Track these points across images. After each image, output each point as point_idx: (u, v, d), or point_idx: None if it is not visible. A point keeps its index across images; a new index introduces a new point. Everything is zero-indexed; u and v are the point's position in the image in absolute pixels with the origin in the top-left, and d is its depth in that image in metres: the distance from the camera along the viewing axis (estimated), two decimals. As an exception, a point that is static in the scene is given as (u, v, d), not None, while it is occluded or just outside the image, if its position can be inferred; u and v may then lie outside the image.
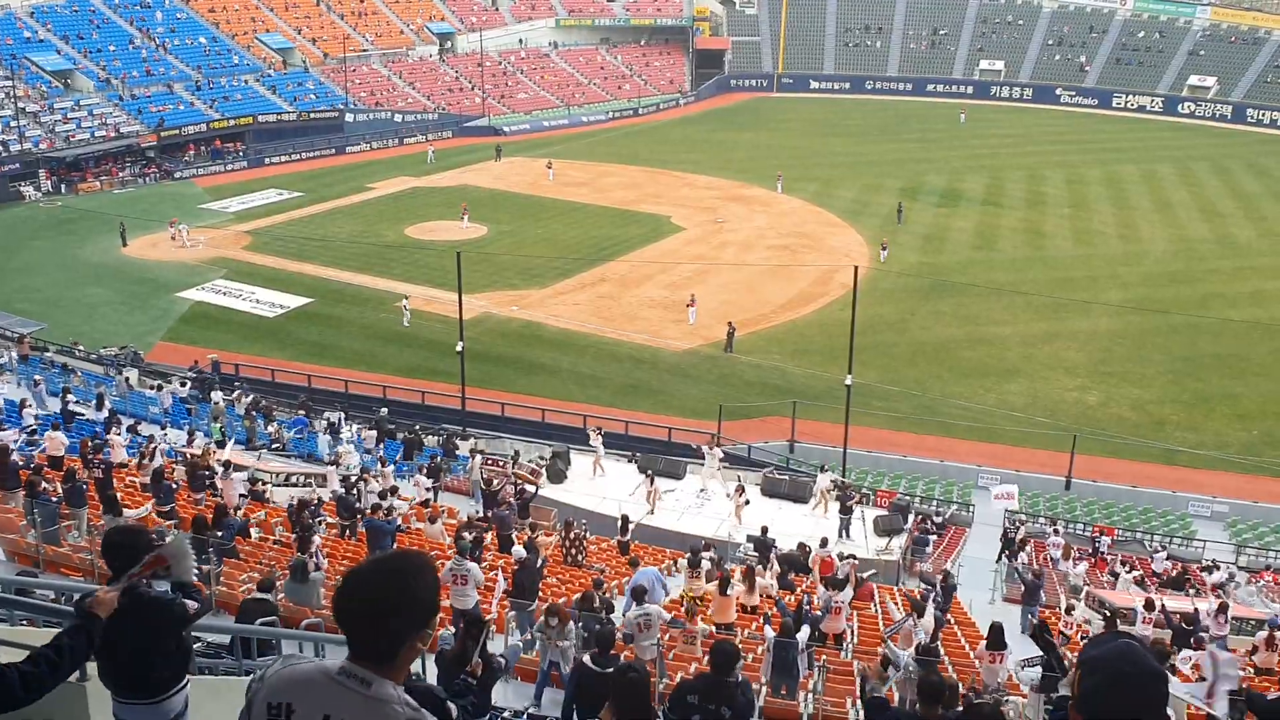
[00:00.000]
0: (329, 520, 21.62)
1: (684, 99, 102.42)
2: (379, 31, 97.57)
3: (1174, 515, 34.40)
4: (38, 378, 33.66)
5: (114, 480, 20.51)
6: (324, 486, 26.14)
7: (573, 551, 22.64)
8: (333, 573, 16.33)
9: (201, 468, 22.38)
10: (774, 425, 38.05)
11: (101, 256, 54.68)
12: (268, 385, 39.97)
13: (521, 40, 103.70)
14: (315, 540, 17.56)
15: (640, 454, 32.92)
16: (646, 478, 30.18)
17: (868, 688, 11.51)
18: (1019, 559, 27.68)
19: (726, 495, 30.00)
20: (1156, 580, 27.85)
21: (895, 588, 23.56)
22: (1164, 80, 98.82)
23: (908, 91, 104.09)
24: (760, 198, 67.20)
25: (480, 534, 20.74)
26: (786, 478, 32.52)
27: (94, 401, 32.63)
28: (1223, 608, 19.78)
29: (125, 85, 76.49)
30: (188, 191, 69.21)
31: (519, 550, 18.36)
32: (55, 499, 17.50)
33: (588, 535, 24.01)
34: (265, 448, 31.78)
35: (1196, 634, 17.94)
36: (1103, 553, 30.69)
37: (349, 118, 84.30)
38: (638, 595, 13.91)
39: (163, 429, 31.53)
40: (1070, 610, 20.95)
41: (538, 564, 18.06)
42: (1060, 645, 13.71)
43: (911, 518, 30.06)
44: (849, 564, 20.37)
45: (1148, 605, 19.55)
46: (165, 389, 35.39)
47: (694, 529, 27.89)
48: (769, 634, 14.50)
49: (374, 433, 33.83)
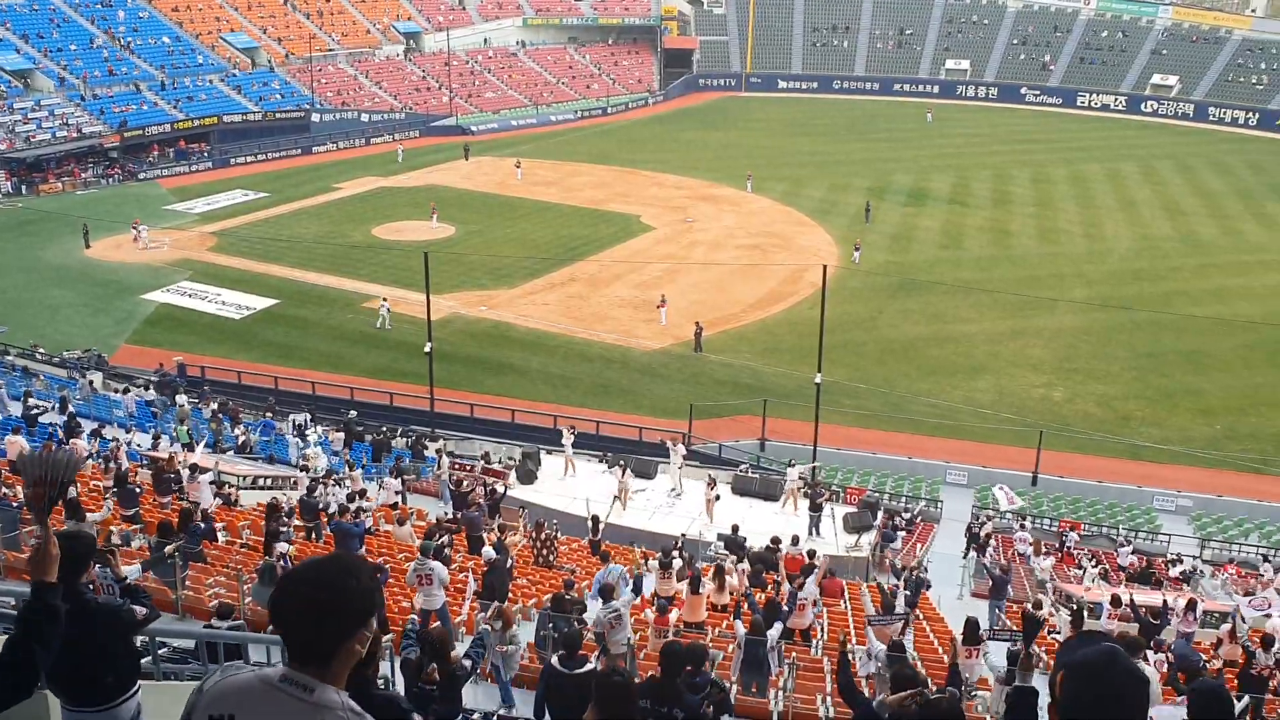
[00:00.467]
0: (296, 523, 21.40)
1: (652, 98, 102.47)
2: (345, 31, 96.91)
3: (1139, 510, 34.78)
4: (-1, 381, 33.20)
5: (77, 484, 20.21)
6: (295, 489, 25.90)
7: (544, 552, 22.56)
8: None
9: (167, 471, 22.10)
10: (745, 424, 38.13)
11: (64, 258, 53.96)
12: (234, 388, 39.59)
13: (486, 40, 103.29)
14: (281, 546, 17.38)
15: (610, 454, 32.87)
16: (619, 468, 30.07)
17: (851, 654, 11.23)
18: (986, 554, 27.89)
19: (675, 493, 30.34)
20: (1123, 575, 28.14)
21: (863, 584, 23.63)
22: (1127, 79, 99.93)
23: (875, 91, 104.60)
24: (729, 197, 67.31)
25: (449, 535, 20.63)
26: (757, 476, 32.58)
27: (57, 405, 32.19)
28: (1191, 604, 19.97)
29: (87, 85, 75.46)
30: (152, 193, 68.40)
31: (489, 551, 18.27)
32: (16, 504, 17.22)
33: (559, 536, 23.93)
34: (231, 450, 31.46)
35: (1162, 629, 18.10)
36: (1069, 548, 30.97)
37: (315, 118, 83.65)
38: (605, 594, 13.89)
39: (128, 432, 31.16)
40: (1038, 605, 21.12)
41: (507, 565, 17.99)
42: (1033, 622, 13.79)
43: (880, 514, 30.21)
44: (820, 559, 20.37)
45: (1114, 601, 19.70)
46: (130, 394, 34.97)
47: (665, 528, 27.87)
48: (739, 630, 14.50)
49: (341, 434, 33.59)
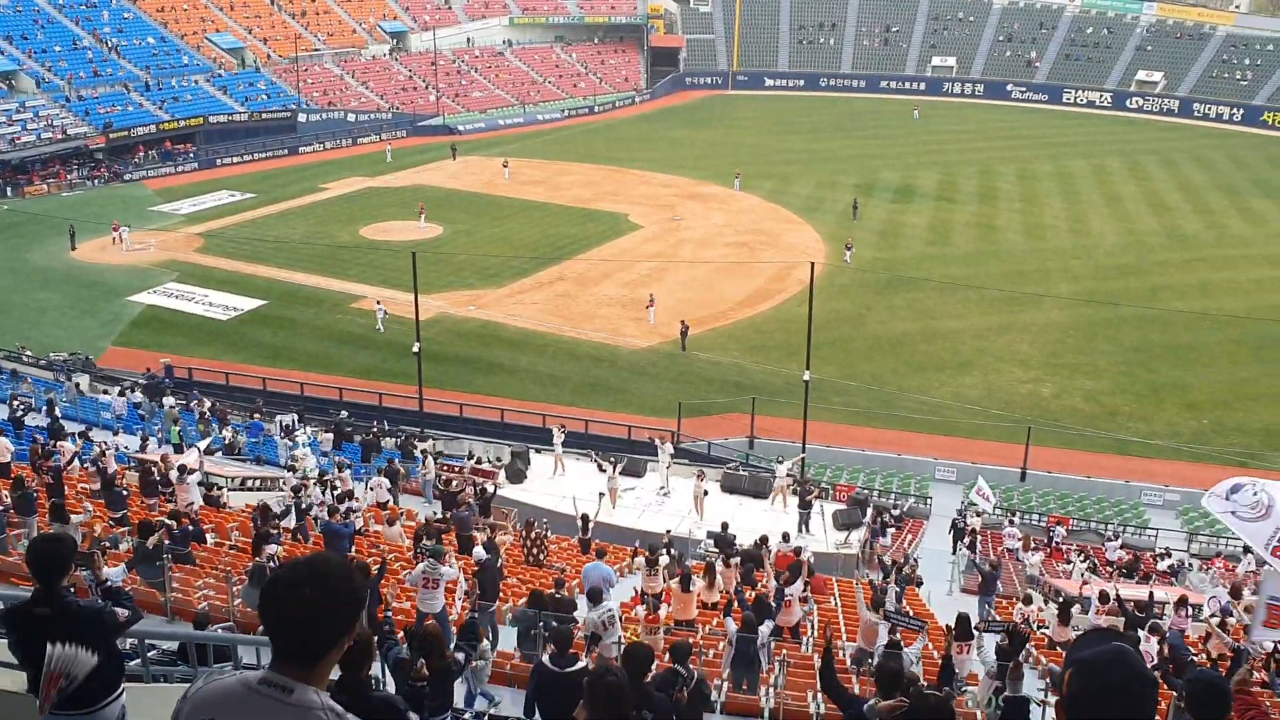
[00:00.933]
0: (284, 524, 21.36)
1: (639, 97, 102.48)
2: (331, 31, 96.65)
3: (1127, 504, 34.93)
4: (-16, 384, 33.08)
5: (64, 487, 20.15)
6: (284, 491, 25.84)
7: (534, 551, 22.55)
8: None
9: (152, 474, 22.01)
10: (734, 421, 38.16)
11: (50, 260, 53.70)
12: (222, 389, 39.47)
13: (469, 40, 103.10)
14: (271, 548, 17.33)
15: (598, 452, 32.85)
16: (610, 464, 30.08)
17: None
18: (976, 550, 27.97)
19: (663, 491, 30.28)
20: (1111, 569, 28.25)
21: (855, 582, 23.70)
22: (1112, 75, 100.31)
23: (861, 88, 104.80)
24: (717, 195, 67.34)
25: (440, 535, 20.59)
26: (747, 474, 32.62)
27: (44, 408, 32.06)
28: (1183, 600, 20.07)
29: (72, 86, 75.10)
30: (138, 194, 68.12)
31: (479, 552, 18.26)
32: (3, 507, 17.16)
33: (549, 534, 23.93)
34: (219, 452, 31.39)
35: (1150, 618, 18.17)
36: (1057, 543, 31.10)
37: (301, 118, 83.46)
38: (594, 597, 13.90)
39: (115, 434, 31.05)
40: (1028, 600, 21.22)
41: (497, 564, 17.98)
42: (1019, 638, 13.86)
43: (870, 511, 30.26)
44: (805, 556, 20.40)
45: (1101, 597, 19.77)
46: (122, 398, 34.84)
47: (655, 526, 27.89)
48: (730, 627, 14.52)
49: (330, 435, 33.52)
